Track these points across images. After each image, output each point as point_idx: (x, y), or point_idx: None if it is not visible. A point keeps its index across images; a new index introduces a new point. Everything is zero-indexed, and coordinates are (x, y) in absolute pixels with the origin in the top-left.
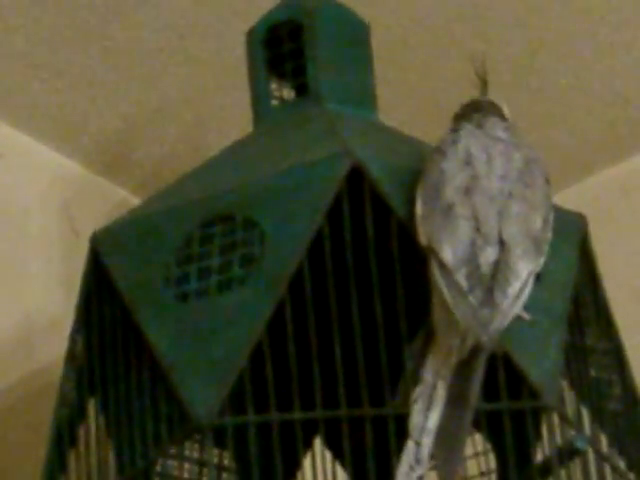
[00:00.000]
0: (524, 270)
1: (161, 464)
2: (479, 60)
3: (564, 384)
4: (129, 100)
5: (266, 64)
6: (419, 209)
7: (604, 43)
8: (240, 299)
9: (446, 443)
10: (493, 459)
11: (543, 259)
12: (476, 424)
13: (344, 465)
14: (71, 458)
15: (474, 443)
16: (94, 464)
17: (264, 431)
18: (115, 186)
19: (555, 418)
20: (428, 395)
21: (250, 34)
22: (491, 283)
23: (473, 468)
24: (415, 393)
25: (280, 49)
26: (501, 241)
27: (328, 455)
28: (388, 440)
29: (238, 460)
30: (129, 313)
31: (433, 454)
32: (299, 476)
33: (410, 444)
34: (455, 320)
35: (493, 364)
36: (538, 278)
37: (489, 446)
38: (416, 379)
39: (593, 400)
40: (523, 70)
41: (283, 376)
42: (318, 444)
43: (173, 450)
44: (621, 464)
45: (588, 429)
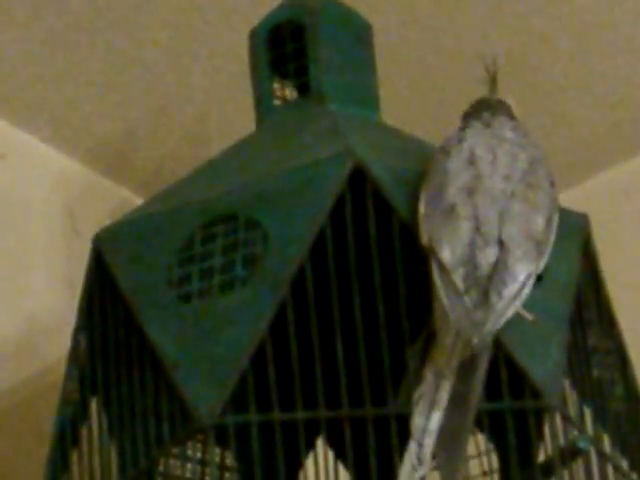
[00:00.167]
0: (522, 272)
1: (163, 464)
2: (489, 58)
3: (566, 384)
4: (131, 100)
5: (269, 64)
6: (422, 208)
7: (607, 43)
8: (242, 299)
9: (448, 443)
10: (495, 459)
11: (544, 261)
12: (478, 424)
13: (346, 465)
14: (74, 458)
15: (476, 443)
16: (97, 464)
17: (266, 431)
18: (117, 186)
19: (557, 418)
20: (430, 395)
21: (252, 34)
22: (487, 284)
23: (475, 468)
24: (417, 393)
25: (283, 49)
26: (500, 242)
27: (330, 455)
28: (390, 440)
29: (240, 460)
30: (131, 313)
31: (435, 454)
32: (301, 476)
33: (412, 444)
34: (449, 320)
35: (495, 364)
36: (540, 279)
37: (491, 446)
38: (418, 379)
39: (595, 400)
40: (525, 70)
41: (285, 376)
42: (320, 444)
43: (175, 450)
44: (624, 464)
45: (590, 429)
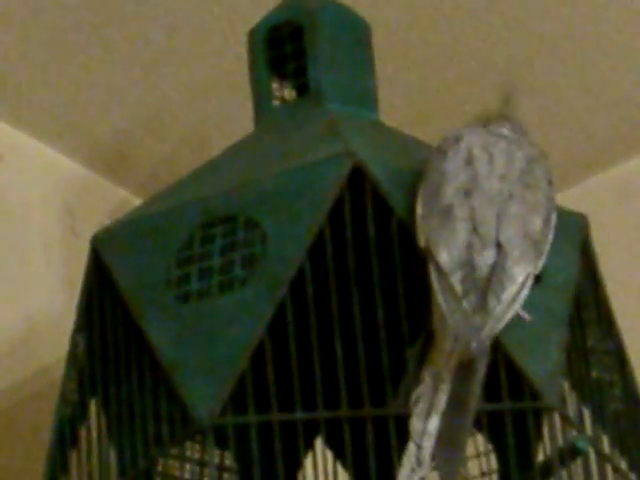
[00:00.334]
0: (520, 274)
1: (162, 464)
2: (508, 89)
3: (565, 384)
4: (130, 100)
5: (267, 64)
6: (419, 209)
7: (606, 43)
8: (241, 299)
9: (447, 445)
10: (494, 459)
11: (542, 261)
12: (477, 424)
13: (345, 465)
14: (73, 458)
15: (475, 443)
16: (95, 464)
17: (265, 431)
18: (116, 186)
19: (556, 418)
20: (429, 397)
21: (251, 34)
22: (486, 287)
23: (474, 468)
24: (416, 395)
25: (281, 49)
26: (498, 244)
27: (329, 455)
28: (389, 440)
29: (239, 460)
30: (130, 313)
31: (434, 456)
32: (300, 476)
33: (411, 446)
34: (448, 324)
35: (494, 365)
36: (539, 279)
37: (490, 446)
38: (417, 381)
39: (594, 400)
40: (524, 70)
41: (284, 376)
42: (319, 444)
43: (174, 450)
44: (623, 464)
45: (589, 429)
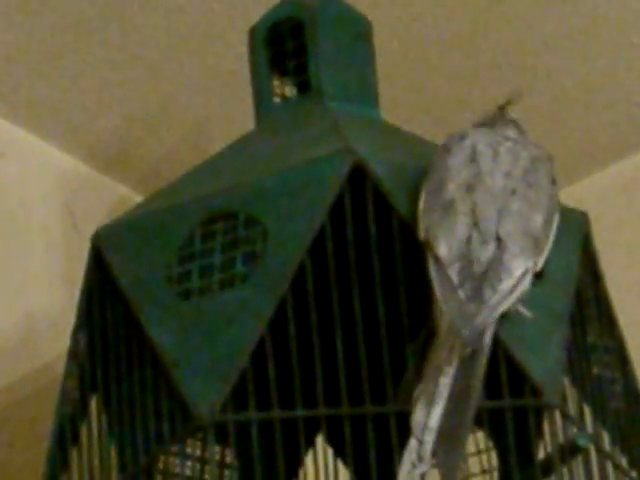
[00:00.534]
0: (518, 268)
1: (163, 461)
2: (518, 94)
3: (566, 382)
4: (131, 97)
5: (268, 62)
6: (421, 203)
7: (607, 41)
8: (242, 297)
9: (448, 441)
10: (495, 457)
11: (543, 258)
12: (478, 422)
13: (346, 462)
14: (73, 455)
15: (476, 441)
16: (96, 462)
17: (266, 428)
18: (117, 183)
19: (557, 416)
20: (430, 393)
21: (252, 32)
22: (482, 278)
23: (475, 466)
24: (417, 391)
25: (282, 47)
26: (498, 238)
27: (330, 452)
28: (390, 437)
29: (240, 457)
30: (131, 311)
31: (435, 452)
32: (301, 473)
33: (412, 442)
34: (443, 312)
35: (495, 361)
36: (540, 276)
37: (491, 444)
38: (418, 377)
39: (595, 398)
40: (526, 69)
41: (285, 374)
42: (320, 441)
43: (175, 447)
44: (623, 462)
45: (590, 427)
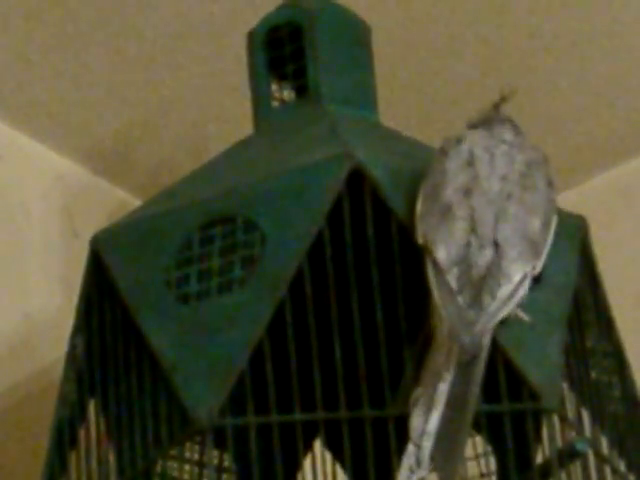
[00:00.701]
0: (517, 273)
1: (161, 465)
2: (511, 92)
3: (564, 386)
4: (129, 101)
5: (267, 66)
6: (419, 208)
7: (605, 44)
8: (240, 301)
9: (446, 446)
10: (493, 461)
11: (541, 262)
12: (476, 426)
13: (344, 467)
14: (71, 459)
15: (474, 445)
16: (94, 465)
17: (264, 432)
18: (115, 187)
19: (556, 420)
20: (428, 398)
21: (251, 36)
22: (481, 284)
23: (473, 470)
24: (415, 396)
25: (281, 51)
26: (496, 243)
27: (328, 456)
28: (388, 441)
29: (238, 461)
30: (129, 315)
31: (433, 456)
32: (299, 477)
33: (410, 447)
34: (442, 319)
35: (493, 366)
36: (538, 280)
37: (489, 448)
38: (416, 381)
39: (593, 402)
40: (524, 71)
41: (283, 377)
42: (318, 445)
43: (173, 451)
44: (621, 466)
45: (588, 431)
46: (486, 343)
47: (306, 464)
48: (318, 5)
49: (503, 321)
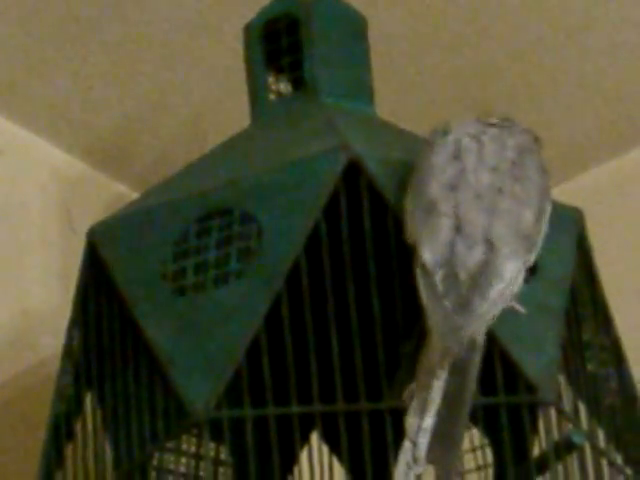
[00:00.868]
0: (510, 270)
1: (157, 458)
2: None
3: (561, 379)
4: (127, 95)
5: (263, 58)
6: (408, 204)
7: (602, 40)
8: (237, 293)
9: (443, 441)
10: (490, 453)
11: (534, 254)
12: (473, 418)
13: (341, 459)
14: (68, 452)
15: (471, 437)
16: (91, 458)
17: (261, 425)
18: (113, 181)
19: (552, 413)
20: (424, 394)
21: (247, 29)
22: (471, 285)
23: (470, 462)
24: (411, 392)
25: (277, 44)
26: (488, 240)
27: (325, 449)
28: (385, 434)
29: (235, 454)
30: (126, 307)
31: (430, 451)
32: (296, 470)
33: (407, 444)
34: (430, 324)
35: (490, 359)
36: (534, 272)
37: (486, 440)
38: (412, 376)
39: (590, 395)
40: (522, 66)
41: (280, 370)
42: (315, 438)
43: (170, 444)
44: (618, 459)
45: (585, 424)
46: (479, 342)
47: (303, 457)
48: None
49: (499, 314)
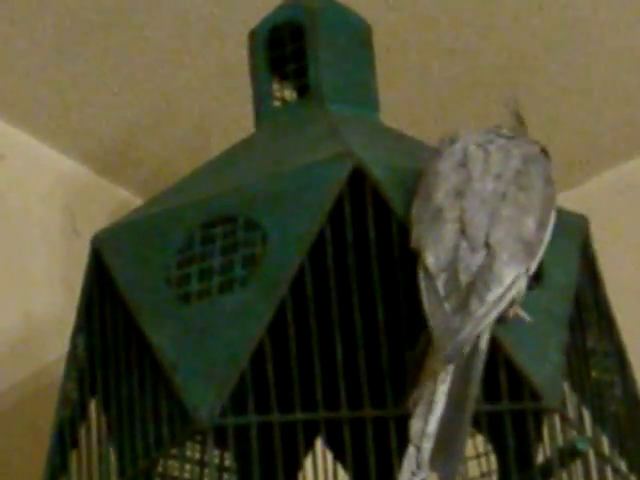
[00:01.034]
0: (509, 275)
1: (162, 464)
2: (509, 99)
3: (565, 385)
4: (131, 101)
5: (268, 65)
6: (413, 211)
7: (606, 45)
8: (241, 300)
9: (446, 447)
10: (494, 460)
11: (536, 262)
12: (477, 425)
13: (345, 466)
14: (72, 459)
15: (475, 444)
16: (95, 465)
17: (265, 432)
18: (117, 187)
19: (556, 419)
20: (427, 399)
21: (252, 35)
22: (470, 289)
23: (474, 469)
24: (415, 397)
25: (282, 50)
26: (488, 245)
27: (329, 456)
28: (389, 441)
29: (239, 461)
30: (130, 314)
31: (433, 457)
32: (300, 477)
33: (411, 449)
34: (430, 327)
35: (494, 365)
36: (538, 279)
37: (490, 447)
38: (416, 383)
39: (594, 402)
40: (525, 72)
41: (284, 377)
42: (319, 445)
43: (174, 450)
44: (622, 466)
45: (589, 431)
46: (482, 348)
47: (307, 463)
48: (319, 5)
49: (504, 320)
